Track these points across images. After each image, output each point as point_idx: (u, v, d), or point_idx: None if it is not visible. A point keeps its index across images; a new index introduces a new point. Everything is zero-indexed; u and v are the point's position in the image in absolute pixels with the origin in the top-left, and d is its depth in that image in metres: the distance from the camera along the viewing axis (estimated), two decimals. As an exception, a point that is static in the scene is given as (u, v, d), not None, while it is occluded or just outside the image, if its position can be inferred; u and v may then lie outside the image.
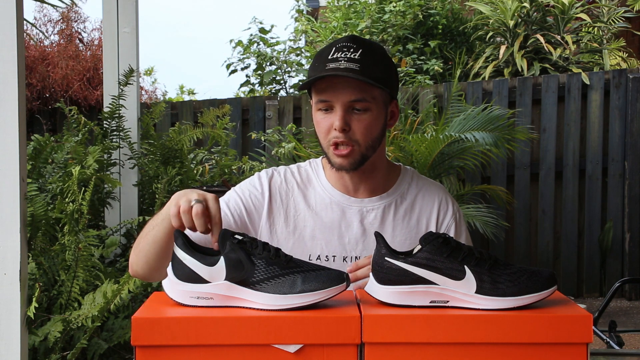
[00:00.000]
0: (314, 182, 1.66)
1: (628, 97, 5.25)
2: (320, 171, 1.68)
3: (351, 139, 1.53)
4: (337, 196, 1.63)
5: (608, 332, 2.73)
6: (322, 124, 1.56)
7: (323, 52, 1.55)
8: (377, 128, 1.56)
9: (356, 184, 1.63)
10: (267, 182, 1.64)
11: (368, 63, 1.50)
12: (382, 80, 1.53)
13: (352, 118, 1.52)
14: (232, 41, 6.73)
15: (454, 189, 4.60)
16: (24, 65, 1.90)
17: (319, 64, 1.53)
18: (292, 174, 1.67)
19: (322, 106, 1.54)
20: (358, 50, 1.51)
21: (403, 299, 1.14)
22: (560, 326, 1.09)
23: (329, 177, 1.66)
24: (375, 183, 1.64)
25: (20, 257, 1.86)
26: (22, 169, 1.88)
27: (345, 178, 1.63)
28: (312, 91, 1.58)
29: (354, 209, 1.62)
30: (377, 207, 1.63)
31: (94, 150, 2.89)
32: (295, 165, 1.71)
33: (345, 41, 1.54)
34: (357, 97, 1.51)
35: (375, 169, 1.63)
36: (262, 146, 5.09)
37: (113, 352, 2.45)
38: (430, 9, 6.74)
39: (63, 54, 5.58)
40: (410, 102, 5.23)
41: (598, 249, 5.30)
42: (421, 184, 1.69)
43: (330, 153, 1.56)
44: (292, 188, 1.65)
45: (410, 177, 1.70)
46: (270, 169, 1.69)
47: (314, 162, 1.71)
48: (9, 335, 1.87)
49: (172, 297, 1.17)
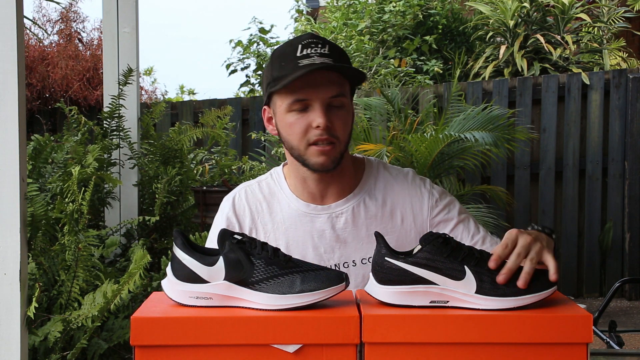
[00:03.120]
0: (277, 195, 1.60)
1: (628, 97, 5.24)
2: (282, 182, 1.61)
3: (332, 136, 1.47)
4: (303, 207, 1.57)
5: (608, 332, 2.73)
6: (296, 125, 1.47)
7: (286, 50, 1.48)
8: (350, 123, 1.53)
9: (323, 189, 1.57)
10: (232, 212, 1.59)
11: (338, 57, 1.47)
12: (353, 74, 1.51)
13: (331, 114, 1.47)
14: (232, 41, 6.73)
15: (454, 189, 4.60)
16: (24, 65, 1.90)
17: (286, 64, 1.46)
18: (253, 193, 1.61)
19: (298, 106, 1.47)
20: (325, 45, 1.47)
21: (403, 299, 1.14)
22: (560, 326, 1.09)
23: (293, 187, 1.59)
24: (341, 184, 1.58)
25: (20, 257, 1.86)
26: (22, 169, 1.88)
27: (311, 184, 1.56)
28: (279, 92, 1.49)
29: (323, 217, 1.56)
30: (345, 210, 1.56)
31: (94, 149, 2.89)
32: (255, 180, 1.64)
33: (308, 38, 1.49)
34: (336, 93, 1.47)
35: (343, 169, 1.57)
36: (262, 146, 5.09)
37: (113, 352, 2.45)
38: (430, 9, 6.74)
39: (63, 54, 5.59)
40: (410, 102, 5.23)
41: (598, 249, 5.30)
42: (388, 174, 1.62)
43: (310, 153, 1.49)
44: (256, 209, 1.59)
45: (376, 171, 1.62)
46: (230, 196, 1.63)
47: (275, 172, 1.64)
48: (9, 335, 1.87)
49: (172, 297, 1.17)
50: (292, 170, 1.59)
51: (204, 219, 3.21)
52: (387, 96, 4.54)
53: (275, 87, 1.47)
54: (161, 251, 3.17)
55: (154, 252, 3.12)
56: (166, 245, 3.19)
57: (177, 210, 3.39)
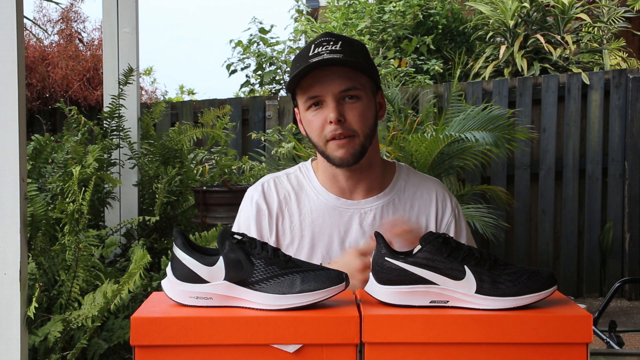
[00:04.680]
0: (306, 188, 1.62)
1: (628, 97, 5.24)
2: (312, 175, 1.63)
3: (348, 130, 1.49)
4: (333, 200, 1.59)
5: (608, 332, 2.74)
6: (314, 121, 1.51)
7: (302, 52, 1.53)
8: (370, 116, 1.54)
9: (352, 185, 1.59)
10: (262, 199, 1.60)
11: (349, 52, 1.49)
12: (366, 68, 1.52)
13: (345, 108, 1.49)
14: (232, 41, 6.73)
15: (454, 189, 4.60)
16: (24, 65, 1.90)
17: (300, 64, 1.49)
18: (282, 183, 1.63)
19: (312, 102, 1.50)
20: (337, 42, 1.50)
21: (403, 299, 1.14)
22: (560, 326, 1.09)
23: (322, 180, 1.61)
24: (371, 182, 1.60)
25: (20, 257, 1.86)
26: (22, 169, 1.88)
27: (341, 180, 1.59)
28: (298, 93, 1.53)
29: (352, 211, 1.58)
30: (374, 207, 1.59)
31: (94, 149, 2.89)
32: (283, 172, 1.66)
33: (322, 37, 1.52)
34: (347, 86, 1.49)
35: (371, 165, 1.59)
36: (262, 146, 5.09)
37: (113, 352, 2.45)
38: (430, 9, 6.74)
39: (63, 54, 5.58)
40: (410, 102, 5.22)
41: (598, 249, 5.30)
42: (417, 180, 1.65)
43: (329, 148, 1.52)
44: (284, 198, 1.60)
45: (406, 174, 1.65)
46: (258, 184, 1.64)
47: (304, 166, 1.66)
48: (9, 335, 1.87)
49: (171, 297, 1.17)
50: (322, 166, 1.61)
51: (204, 219, 3.21)
52: (387, 96, 4.54)
53: (288, 85, 1.53)
54: (161, 251, 3.17)
55: (154, 252, 3.12)
56: (166, 245, 3.19)
57: (177, 210, 3.39)
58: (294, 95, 1.56)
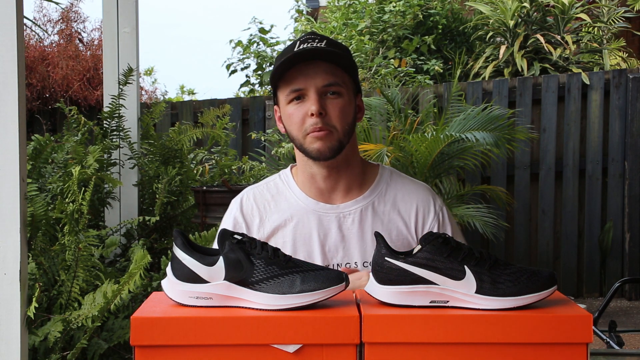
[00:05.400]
0: (285, 193, 1.63)
1: (628, 97, 5.24)
2: (291, 181, 1.64)
3: (328, 124, 1.50)
4: (312, 204, 1.59)
5: (608, 332, 2.73)
6: (295, 115, 1.52)
7: (287, 49, 1.55)
8: (350, 113, 1.55)
9: (331, 185, 1.59)
10: (239, 213, 1.63)
11: (334, 49, 1.52)
12: (349, 67, 1.54)
13: (327, 103, 1.51)
14: (232, 41, 6.73)
15: (454, 189, 4.60)
16: (24, 65, 1.90)
17: (284, 58, 1.51)
18: (261, 193, 1.64)
19: (294, 96, 1.51)
20: (322, 40, 1.52)
21: (403, 299, 1.14)
22: (560, 326, 1.09)
23: (301, 183, 1.62)
24: (350, 182, 1.60)
25: (20, 257, 1.86)
26: (22, 169, 1.88)
27: (319, 180, 1.59)
28: (280, 87, 1.55)
29: (331, 216, 1.58)
30: (354, 210, 1.59)
31: (94, 149, 2.89)
32: (264, 182, 1.68)
33: (308, 35, 1.54)
34: (330, 81, 1.51)
35: (350, 164, 1.59)
36: (262, 146, 5.09)
37: (113, 352, 2.45)
38: (430, 9, 6.74)
39: (63, 54, 5.59)
40: (410, 102, 5.22)
41: (598, 249, 5.30)
42: (401, 183, 1.64)
43: (307, 142, 1.52)
44: (264, 208, 1.62)
45: (388, 177, 1.65)
46: (238, 196, 1.66)
47: (284, 173, 1.67)
48: (9, 335, 1.87)
49: (171, 297, 1.17)
50: (300, 166, 1.62)
51: (204, 219, 3.21)
52: (387, 96, 4.54)
53: (271, 75, 1.54)
54: (161, 251, 3.17)
55: (154, 252, 3.12)
56: (166, 245, 3.19)
57: (177, 210, 3.39)
58: (275, 91, 1.57)
